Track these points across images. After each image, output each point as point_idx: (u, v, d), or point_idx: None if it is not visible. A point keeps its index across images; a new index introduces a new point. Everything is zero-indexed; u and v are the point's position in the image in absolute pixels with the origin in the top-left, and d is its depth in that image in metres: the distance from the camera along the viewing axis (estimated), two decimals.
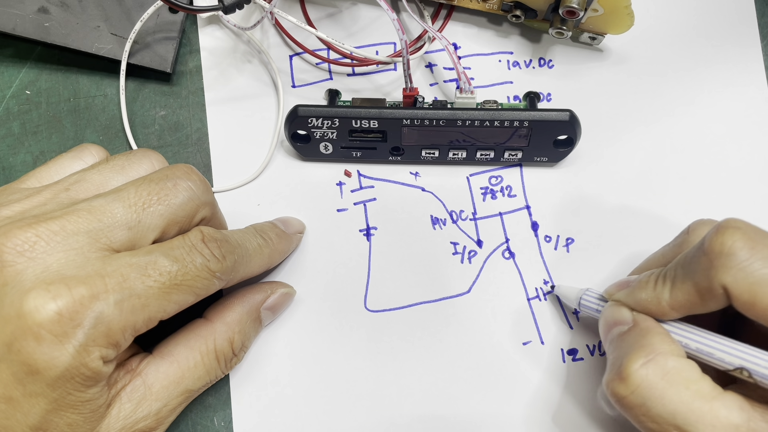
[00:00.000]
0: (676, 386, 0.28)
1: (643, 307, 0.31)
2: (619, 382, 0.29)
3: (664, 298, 0.30)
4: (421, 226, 0.39)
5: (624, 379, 0.29)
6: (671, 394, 0.28)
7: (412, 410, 0.36)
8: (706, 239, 0.28)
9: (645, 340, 0.30)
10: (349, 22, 0.41)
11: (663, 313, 0.30)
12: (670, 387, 0.28)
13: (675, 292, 0.30)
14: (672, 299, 0.30)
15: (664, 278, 0.30)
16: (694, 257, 0.29)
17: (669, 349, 0.29)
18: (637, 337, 0.30)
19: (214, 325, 0.33)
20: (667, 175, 0.39)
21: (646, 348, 0.29)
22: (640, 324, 0.31)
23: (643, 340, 0.30)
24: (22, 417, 0.26)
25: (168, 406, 0.31)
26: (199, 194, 0.31)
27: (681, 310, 0.30)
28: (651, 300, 0.30)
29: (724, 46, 0.41)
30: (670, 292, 0.30)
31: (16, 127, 0.40)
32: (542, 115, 0.36)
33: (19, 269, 0.26)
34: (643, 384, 0.28)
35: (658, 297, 0.30)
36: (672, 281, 0.30)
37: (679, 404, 0.28)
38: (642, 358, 0.29)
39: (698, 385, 0.28)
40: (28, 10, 0.38)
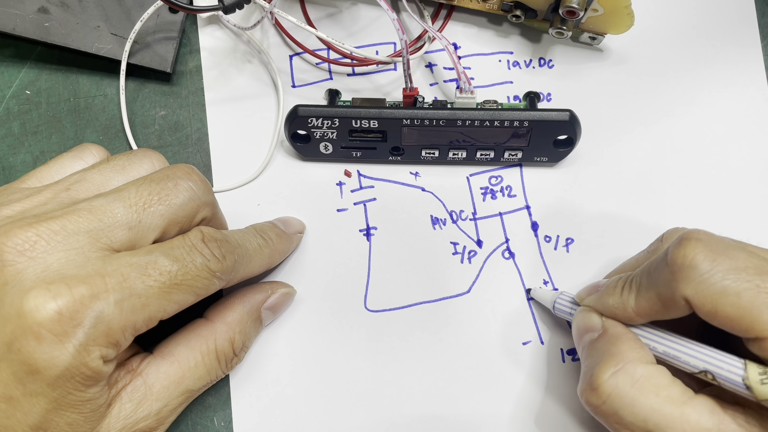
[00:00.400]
0: (646, 393, 0.28)
1: (610, 312, 0.31)
2: (591, 392, 0.30)
3: (629, 305, 0.30)
4: (421, 226, 0.39)
5: (595, 389, 0.29)
6: (642, 401, 0.28)
7: (412, 410, 0.36)
8: (669, 251, 0.29)
9: (614, 348, 0.30)
10: (349, 22, 0.41)
11: (629, 318, 0.31)
12: (640, 394, 0.28)
13: (639, 300, 0.30)
14: (637, 306, 0.30)
15: (630, 285, 0.31)
16: (658, 268, 0.29)
17: (637, 356, 0.29)
18: (606, 344, 0.31)
19: (214, 325, 0.33)
20: (667, 175, 0.39)
21: (615, 356, 0.30)
22: (609, 331, 0.31)
23: (612, 348, 0.30)
24: (22, 416, 0.26)
25: (168, 406, 0.31)
26: (199, 194, 0.31)
27: (645, 316, 0.30)
28: (618, 306, 0.31)
29: (724, 46, 0.41)
30: (635, 300, 0.30)
31: (16, 127, 0.40)
32: (542, 115, 0.36)
33: (20, 268, 0.26)
34: (614, 393, 0.29)
35: (624, 303, 0.31)
36: (637, 289, 0.30)
37: (649, 411, 0.28)
38: (612, 368, 0.29)
39: (668, 391, 0.28)
40: (28, 10, 0.38)
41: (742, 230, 0.38)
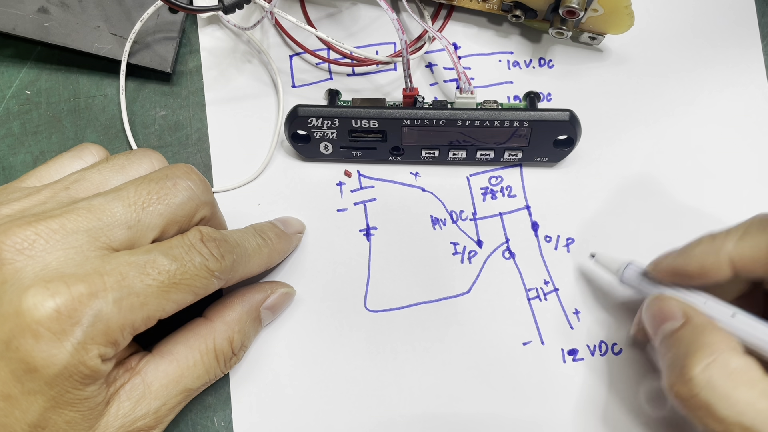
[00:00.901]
0: (742, 386, 0.27)
1: (697, 261, 0.30)
2: (682, 385, 0.29)
3: (725, 250, 0.29)
4: (421, 226, 0.39)
5: (687, 382, 0.28)
6: (737, 394, 0.27)
7: (412, 410, 0.36)
8: None
9: (704, 338, 0.29)
10: (349, 22, 0.41)
11: (717, 266, 0.30)
12: (736, 387, 0.27)
13: (742, 245, 0.29)
14: (736, 250, 0.29)
15: (727, 233, 0.30)
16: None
17: (730, 346, 0.29)
18: (693, 335, 0.29)
19: (213, 324, 0.33)
20: (667, 175, 0.39)
21: (707, 347, 0.29)
22: (693, 320, 0.30)
23: (701, 338, 0.29)
24: (20, 414, 0.26)
25: (167, 405, 0.31)
26: (198, 194, 0.31)
27: (740, 265, 0.29)
28: (708, 252, 0.30)
29: (725, 46, 0.41)
30: (735, 243, 0.29)
31: (16, 127, 0.40)
32: (542, 115, 0.36)
33: (19, 267, 0.26)
34: (708, 386, 0.28)
35: (718, 248, 0.30)
36: (741, 234, 0.29)
37: (744, 405, 0.27)
38: (705, 359, 0.28)
39: (763, 384, 0.28)
40: (28, 10, 0.38)
41: None
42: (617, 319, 0.37)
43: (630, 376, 0.36)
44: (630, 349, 0.37)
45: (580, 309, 0.37)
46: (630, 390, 0.36)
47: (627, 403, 0.36)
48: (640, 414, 0.36)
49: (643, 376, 0.36)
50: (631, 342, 0.37)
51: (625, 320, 0.37)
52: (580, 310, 0.37)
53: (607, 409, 0.36)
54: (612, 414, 0.36)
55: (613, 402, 0.36)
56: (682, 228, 0.38)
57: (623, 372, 0.37)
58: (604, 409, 0.36)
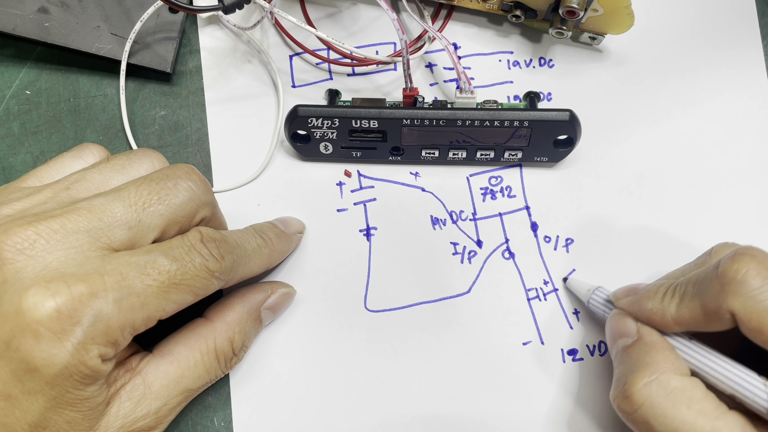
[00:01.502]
0: (679, 405, 0.28)
1: (647, 317, 0.31)
2: (623, 399, 0.30)
3: (669, 312, 0.30)
4: (421, 226, 0.39)
5: (628, 397, 0.29)
6: (674, 413, 0.28)
7: (412, 410, 0.36)
8: (721, 263, 0.29)
9: (649, 357, 0.30)
10: (349, 22, 0.41)
11: (666, 325, 0.31)
12: (673, 406, 0.28)
13: (681, 308, 0.30)
14: (677, 314, 0.30)
15: (673, 292, 0.31)
16: (707, 278, 0.29)
17: (672, 366, 0.29)
18: (641, 352, 0.30)
19: (214, 324, 0.33)
20: (667, 176, 0.39)
21: (650, 366, 0.30)
22: (644, 338, 0.31)
23: (647, 356, 0.30)
24: (21, 414, 0.26)
25: (167, 405, 0.31)
26: (199, 194, 0.31)
27: (684, 326, 0.30)
28: (656, 311, 0.31)
29: (725, 47, 0.41)
30: (676, 307, 0.30)
31: (16, 127, 0.40)
32: (542, 115, 0.36)
33: (19, 267, 0.26)
34: (647, 403, 0.29)
35: (664, 309, 0.31)
36: (681, 297, 0.30)
37: (681, 423, 0.28)
38: (646, 377, 0.29)
39: (701, 404, 0.28)
40: (28, 10, 0.38)
41: (742, 231, 0.38)
42: None
43: None
44: None
45: (580, 309, 0.38)
46: None
47: None
48: None
49: None
50: None
51: None
52: (579, 310, 0.38)
53: (606, 409, 0.36)
54: (612, 414, 0.36)
55: None
56: (681, 228, 0.38)
57: None
58: (603, 409, 0.36)
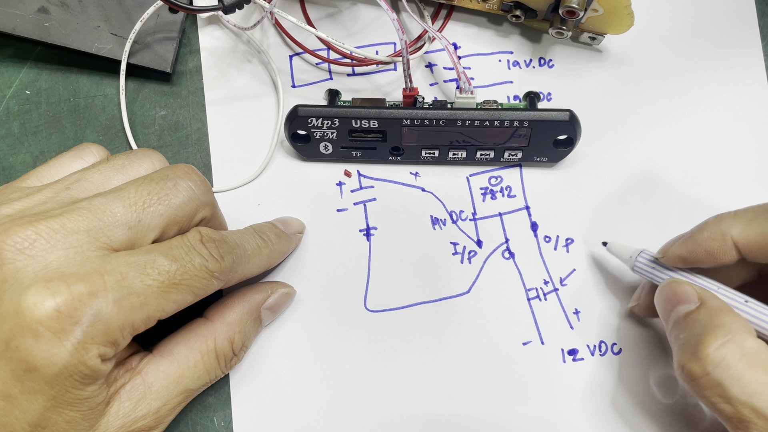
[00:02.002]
0: (755, 368, 0.28)
1: (703, 246, 0.31)
2: (695, 363, 0.29)
3: (730, 233, 0.30)
4: (421, 226, 0.39)
5: (700, 360, 0.28)
6: (749, 375, 0.27)
7: (412, 410, 0.36)
8: None
9: (719, 320, 0.29)
10: (349, 22, 0.41)
11: (725, 249, 0.30)
12: (749, 368, 0.28)
13: (748, 230, 0.29)
14: (741, 235, 0.29)
15: (734, 216, 0.30)
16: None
17: (745, 328, 0.29)
18: (709, 316, 0.30)
19: (214, 324, 0.33)
20: (667, 176, 0.39)
21: (722, 328, 0.29)
22: (708, 302, 0.30)
23: (716, 319, 0.29)
24: (20, 414, 0.26)
25: (167, 405, 0.31)
26: (199, 194, 0.31)
27: (744, 248, 0.29)
28: (714, 236, 0.30)
29: (725, 47, 0.41)
30: (741, 228, 0.29)
31: (16, 127, 0.40)
32: (542, 115, 0.36)
33: (19, 266, 0.26)
34: (722, 364, 0.28)
35: (724, 232, 0.30)
36: (747, 220, 0.29)
37: (756, 386, 0.27)
38: (720, 338, 0.28)
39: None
40: (28, 10, 0.38)
41: None
42: (618, 319, 0.37)
43: (630, 375, 0.36)
44: (630, 349, 0.37)
45: (580, 309, 0.37)
46: (630, 389, 0.36)
47: (627, 403, 0.36)
48: (641, 413, 0.36)
49: (643, 375, 0.36)
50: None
51: (625, 320, 0.37)
52: (580, 310, 0.37)
53: (607, 409, 0.36)
54: (612, 413, 0.36)
55: (613, 402, 0.36)
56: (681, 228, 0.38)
57: (623, 372, 0.37)
58: (604, 409, 0.36)
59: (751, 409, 0.27)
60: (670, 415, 0.36)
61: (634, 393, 0.36)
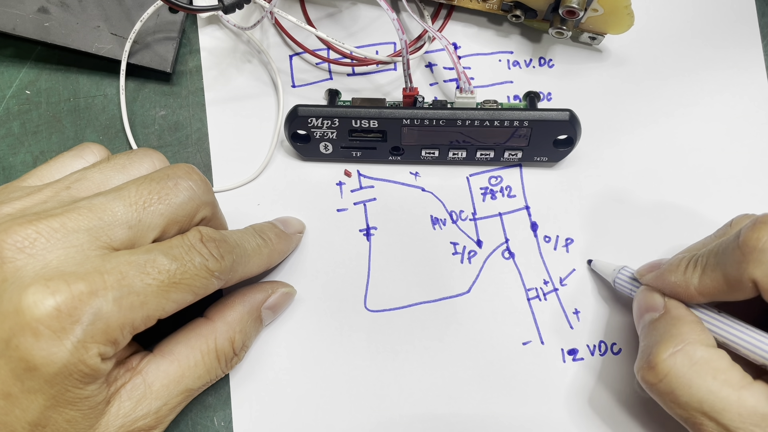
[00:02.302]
0: (704, 375, 0.29)
1: (671, 290, 0.32)
2: (648, 370, 0.30)
3: (692, 283, 0.31)
4: (421, 226, 0.39)
5: (653, 368, 0.30)
6: (699, 383, 0.29)
7: (412, 410, 0.36)
8: (742, 232, 0.29)
9: (675, 329, 0.30)
10: (349, 21, 0.41)
11: (690, 297, 0.31)
12: (698, 376, 0.29)
13: (704, 279, 0.30)
14: (700, 285, 0.31)
15: (695, 264, 0.31)
16: (728, 248, 0.30)
17: (698, 338, 0.30)
18: (667, 325, 0.31)
19: (215, 324, 0.33)
20: (666, 176, 0.39)
21: (675, 337, 0.30)
22: (671, 312, 0.32)
23: (673, 329, 0.31)
24: (20, 413, 0.26)
25: (168, 405, 0.31)
26: (199, 194, 0.31)
27: (707, 296, 0.30)
28: (680, 283, 0.31)
29: (725, 47, 0.41)
30: (699, 278, 0.31)
31: (16, 127, 0.40)
32: (542, 114, 0.36)
33: (19, 265, 0.26)
34: (671, 373, 0.29)
35: (687, 281, 0.31)
36: (702, 268, 0.31)
37: (706, 393, 0.29)
38: (671, 348, 0.30)
39: (726, 375, 0.29)
40: (28, 10, 0.38)
41: None
42: (617, 319, 0.37)
43: (629, 375, 0.36)
44: (630, 348, 0.37)
45: (580, 309, 0.37)
46: (629, 389, 0.36)
47: (627, 403, 0.36)
48: (641, 412, 0.36)
49: None
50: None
51: (625, 320, 0.37)
52: (579, 310, 0.37)
53: (606, 409, 0.36)
54: (612, 413, 0.36)
55: (613, 401, 0.36)
56: (681, 229, 0.38)
57: (623, 372, 0.37)
58: (603, 409, 0.36)
59: (701, 414, 0.29)
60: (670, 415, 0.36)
61: (634, 393, 0.36)
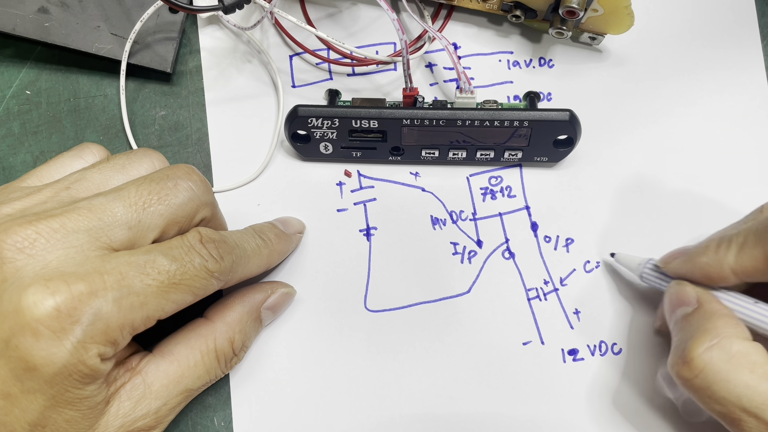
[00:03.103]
0: (741, 369, 0.28)
1: (702, 271, 0.31)
2: (683, 366, 0.30)
3: (727, 262, 0.30)
4: (421, 226, 0.39)
5: (688, 363, 0.29)
6: (736, 377, 0.28)
7: (412, 410, 0.36)
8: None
9: (710, 324, 0.30)
10: (349, 22, 0.41)
11: (723, 277, 0.31)
12: (735, 370, 0.28)
13: (741, 257, 0.30)
14: (737, 263, 0.30)
15: (728, 243, 0.31)
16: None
17: (734, 332, 0.29)
18: (701, 320, 0.30)
19: (214, 324, 0.33)
20: (666, 176, 0.39)
21: (710, 332, 0.29)
22: (704, 306, 0.31)
23: (707, 323, 0.30)
24: (20, 413, 0.26)
25: (167, 405, 0.31)
26: (199, 194, 0.31)
27: (744, 275, 0.30)
28: (712, 263, 0.31)
29: (724, 47, 0.41)
30: (735, 256, 0.30)
31: (16, 127, 0.40)
32: (542, 114, 0.36)
33: (19, 266, 0.26)
34: (708, 368, 0.29)
35: (721, 260, 0.31)
36: (740, 246, 0.30)
37: (744, 387, 0.28)
38: (706, 342, 0.29)
39: (765, 368, 0.28)
40: (28, 10, 0.38)
41: None
42: (617, 319, 0.37)
43: (630, 375, 0.36)
44: (630, 349, 0.37)
45: (580, 309, 0.37)
46: (630, 389, 0.36)
47: (627, 403, 0.36)
48: (641, 412, 0.36)
49: (643, 375, 0.36)
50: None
51: (625, 320, 0.37)
52: (580, 310, 0.37)
53: (607, 409, 0.36)
54: (612, 413, 0.36)
55: (614, 401, 0.36)
56: (681, 229, 0.38)
57: (623, 372, 0.37)
58: (604, 409, 0.36)
59: (740, 409, 0.28)
60: (671, 414, 0.36)
61: (635, 393, 0.36)
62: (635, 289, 0.37)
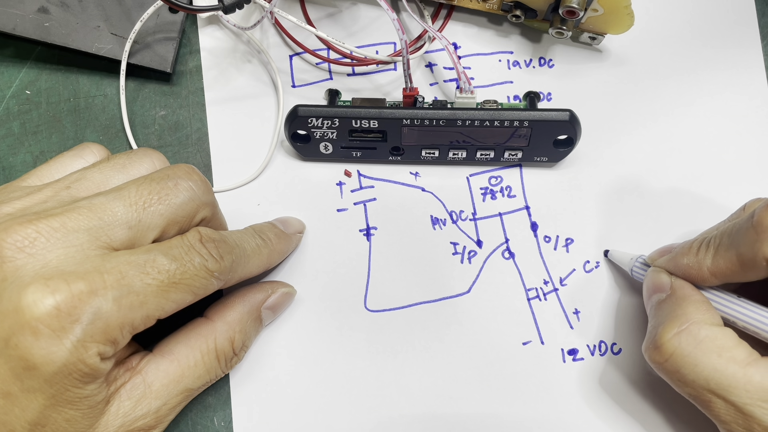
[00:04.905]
0: (709, 354, 0.29)
1: (683, 272, 0.32)
2: (654, 350, 0.31)
3: (705, 264, 0.31)
4: (421, 226, 0.39)
5: (659, 348, 0.31)
6: (704, 361, 0.29)
7: (412, 410, 0.36)
8: (756, 212, 0.29)
9: (680, 309, 0.31)
10: (349, 21, 0.41)
11: (702, 278, 0.31)
12: (703, 354, 0.29)
13: (717, 259, 0.31)
14: (713, 265, 0.31)
15: (707, 245, 0.32)
16: (742, 228, 0.30)
17: (703, 317, 0.30)
18: (673, 305, 0.31)
19: (215, 324, 0.33)
20: (666, 176, 0.39)
21: (680, 317, 0.31)
22: (677, 292, 0.32)
23: (678, 309, 0.31)
24: (20, 412, 0.26)
25: (167, 405, 0.31)
26: (199, 194, 0.31)
27: (721, 276, 0.31)
28: (692, 265, 0.32)
29: (724, 47, 0.41)
30: (712, 259, 0.31)
31: (16, 127, 0.40)
32: (542, 115, 0.36)
33: (19, 265, 0.26)
34: (677, 352, 0.30)
35: (700, 262, 0.31)
36: (716, 249, 0.31)
37: (711, 371, 0.29)
38: (676, 327, 0.30)
39: (732, 352, 0.29)
40: (28, 10, 0.38)
41: None
42: (617, 318, 0.37)
43: (630, 375, 0.36)
44: (630, 348, 0.37)
45: (580, 309, 0.37)
46: (629, 389, 0.36)
47: (627, 403, 0.36)
48: (641, 412, 0.36)
49: (643, 375, 0.36)
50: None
51: (625, 320, 0.37)
52: (579, 310, 0.37)
53: (607, 409, 0.36)
54: (612, 413, 0.36)
55: (613, 401, 0.36)
56: (681, 229, 0.38)
57: (623, 372, 0.37)
58: (604, 409, 0.36)
59: (709, 392, 0.29)
60: (671, 414, 0.36)
61: (634, 393, 0.36)
62: (635, 289, 0.37)
